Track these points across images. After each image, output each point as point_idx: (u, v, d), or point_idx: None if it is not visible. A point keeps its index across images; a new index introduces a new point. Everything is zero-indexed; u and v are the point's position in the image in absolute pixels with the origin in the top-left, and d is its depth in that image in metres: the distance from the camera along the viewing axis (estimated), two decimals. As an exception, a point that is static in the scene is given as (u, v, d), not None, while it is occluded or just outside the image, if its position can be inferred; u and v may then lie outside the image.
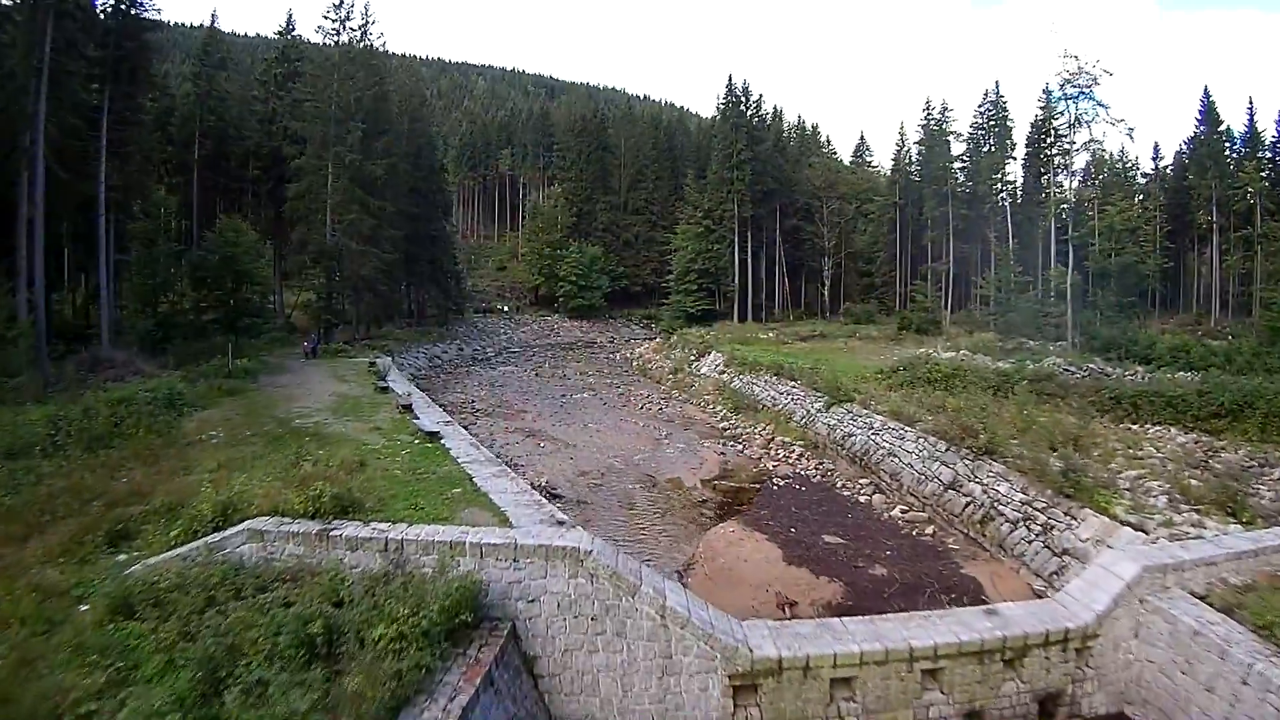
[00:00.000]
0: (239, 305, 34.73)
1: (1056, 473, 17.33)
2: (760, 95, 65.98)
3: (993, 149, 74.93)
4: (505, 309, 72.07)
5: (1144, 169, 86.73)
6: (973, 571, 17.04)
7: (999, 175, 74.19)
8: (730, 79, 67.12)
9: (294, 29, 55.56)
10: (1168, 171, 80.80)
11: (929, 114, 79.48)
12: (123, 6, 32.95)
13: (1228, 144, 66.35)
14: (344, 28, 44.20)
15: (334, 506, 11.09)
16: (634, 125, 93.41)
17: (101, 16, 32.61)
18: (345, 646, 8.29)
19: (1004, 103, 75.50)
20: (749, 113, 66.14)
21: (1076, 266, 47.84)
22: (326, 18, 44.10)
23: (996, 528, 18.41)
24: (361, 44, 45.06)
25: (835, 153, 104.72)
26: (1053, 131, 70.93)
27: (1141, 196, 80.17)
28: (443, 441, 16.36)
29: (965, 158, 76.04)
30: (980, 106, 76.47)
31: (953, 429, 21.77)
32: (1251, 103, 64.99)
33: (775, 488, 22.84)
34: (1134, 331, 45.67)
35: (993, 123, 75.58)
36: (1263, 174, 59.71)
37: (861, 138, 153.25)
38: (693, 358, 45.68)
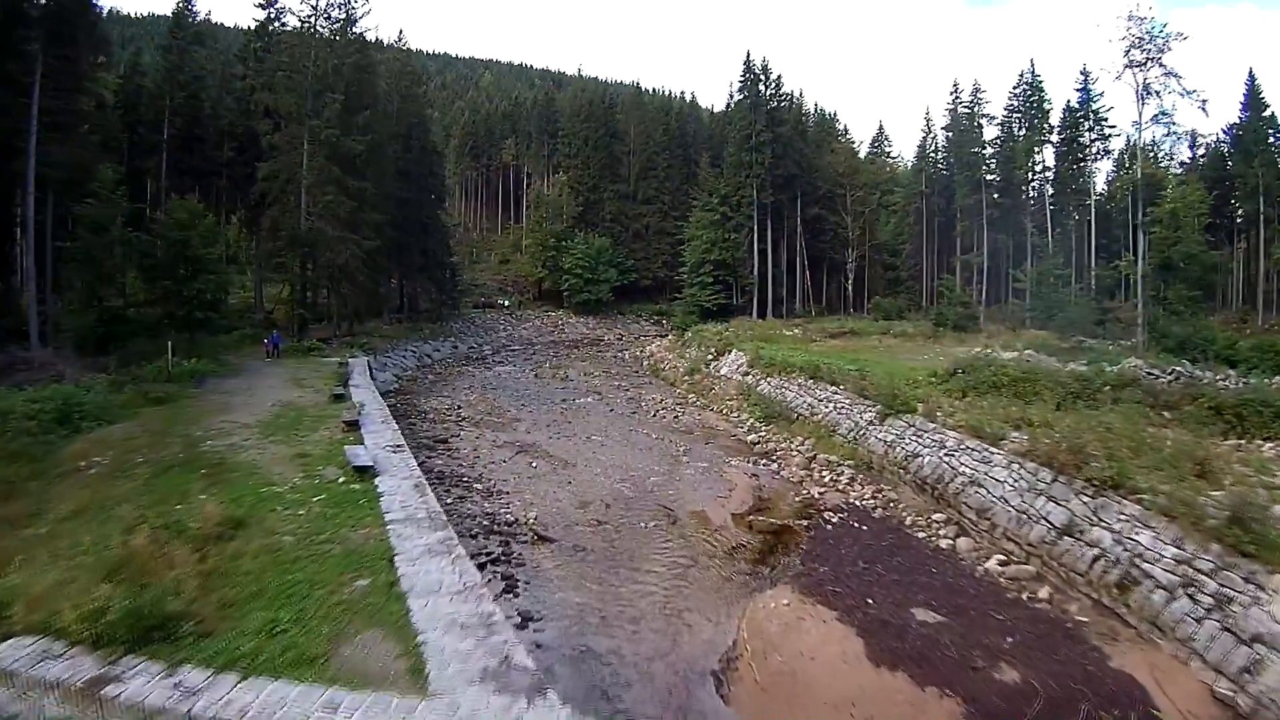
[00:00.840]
0: (192, 299, 30.12)
1: (1216, 517, 12.40)
2: (779, 75, 60.85)
3: (1029, 133, 69.56)
4: (506, 304, 67.38)
5: (1179, 157, 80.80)
6: (1124, 664, 12.00)
7: (1036, 161, 69.05)
8: (748, 56, 62.12)
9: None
10: (1201, 160, 74.96)
11: (957, 98, 74.26)
12: (51, -51, 28.42)
13: (1270, 131, 60.71)
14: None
15: (129, 628, 6.30)
16: (643, 111, 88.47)
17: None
18: None
19: (1040, 83, 69.99)
20: (768, 92, 60.94)
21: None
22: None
23: (1144, 595, 13.31)
24: (341, 10, 40.39)
25: (854, 141, 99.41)
26: (1091, 115, 66.02)
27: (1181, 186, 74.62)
28: (376, 482, 11.54)
29: (998, 142, 70.88)
30: (1014, 88, 71.20)
31: (1057, 451, 16.79)
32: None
33: (829, 527, 17.89)
34: (1209, 329, 40.36)
35: (1029, 105, 70.17)
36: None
37: (880, 128, 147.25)
38: (710, 357, 40.75)
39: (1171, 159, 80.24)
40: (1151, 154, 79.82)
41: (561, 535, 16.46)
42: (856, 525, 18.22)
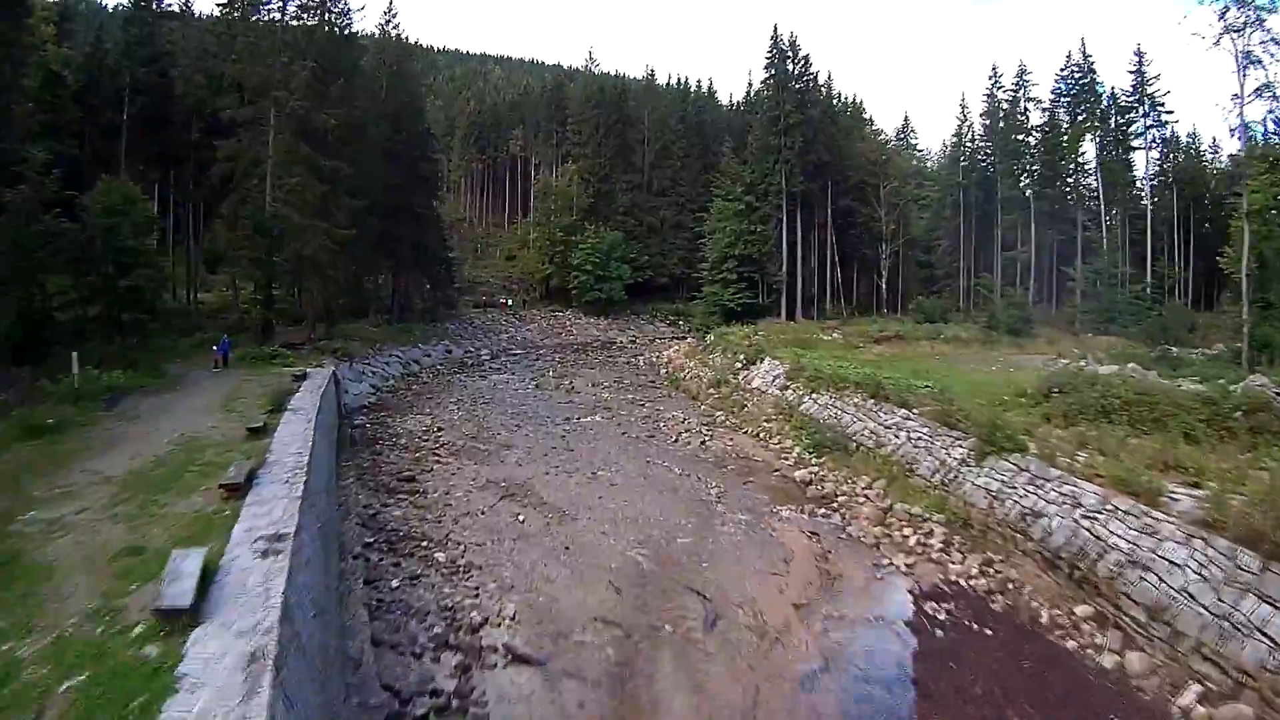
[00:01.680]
0: (121, 297, 25.09)
1: None
2: (807, 55, 55.07)
3: (1081, 119, 63.42)
4: (509, 303, 62.12)
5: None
6: None
7: (1083, 150, 63.04)
8: (775, 31, 56.26)
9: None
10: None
11: (996, 82, 68.25)
12: None
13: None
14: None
15: None
16: (658, 98, 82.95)
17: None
18: None
19: (1092, 64, 63.74)
20: (796, 70, 55.08)
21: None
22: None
23: None
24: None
25: (881, 131, 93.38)
26: (1148, 99, 59.71)
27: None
28: (190, 644, 6.15)
29: (1043, 130, 64.88)
30: (1061, 70, 65.05)
31: (1260, 524, 11.40)
32: None
33: (937, 631, 12.38)
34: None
35: (1079, 89, 63.99)
36: None
37: (905, 119, 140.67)
38: (738, 365, 35.19)
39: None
40: (1194, 143, 73.31)
41: (549, 651, 11.07)
42: (973, 626, 12.70)
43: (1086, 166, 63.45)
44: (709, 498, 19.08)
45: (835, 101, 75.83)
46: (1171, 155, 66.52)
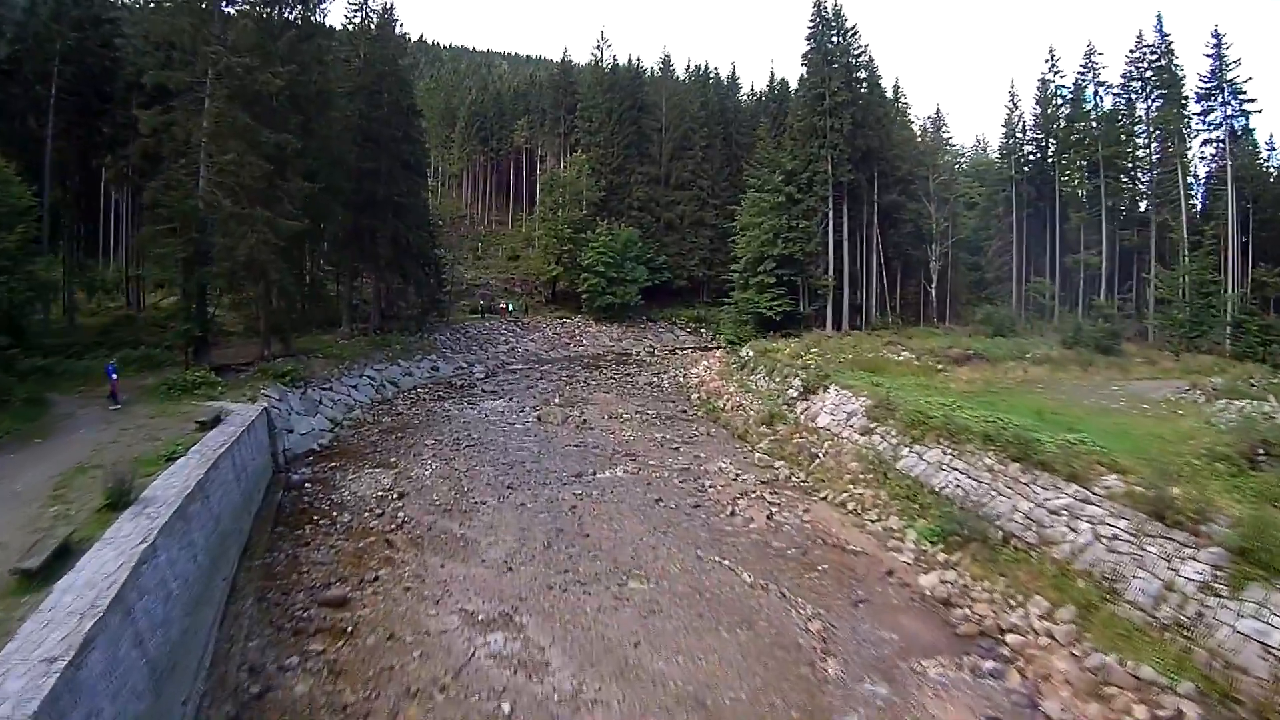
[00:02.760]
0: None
1: None
2: (854, 25, 47.67)
3: (1158, 107, 55.87)
4: (509, 308, 55.01)
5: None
6: None
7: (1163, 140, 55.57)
8: (816, -1, 48.63)
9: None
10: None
11: (1053, 66, 60.84)
12: None
13: None
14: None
15: None
16: (675, 83, 75.71)
17: None
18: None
19: (1170, 44, 56.06)
20: (842, 42, 47.66)
21: None
22: None
23: None
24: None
25: (916, 120, 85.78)
26: (1227, 85, 52.33)
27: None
28: None
29: (1112, 118, 57.46)
30: (1133, 52, 57.50)
31: None
32: None
33: None
34: None
35: (1155, 71, 56.38)
36: None
37: (938, 111, 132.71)
38: (792, 393, 28.03)
39: None
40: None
41: None
42: None
43: (1160, 159, 56.17)
44: (808, 641, 11.93)
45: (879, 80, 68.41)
46: (1237, 150, 59.27)
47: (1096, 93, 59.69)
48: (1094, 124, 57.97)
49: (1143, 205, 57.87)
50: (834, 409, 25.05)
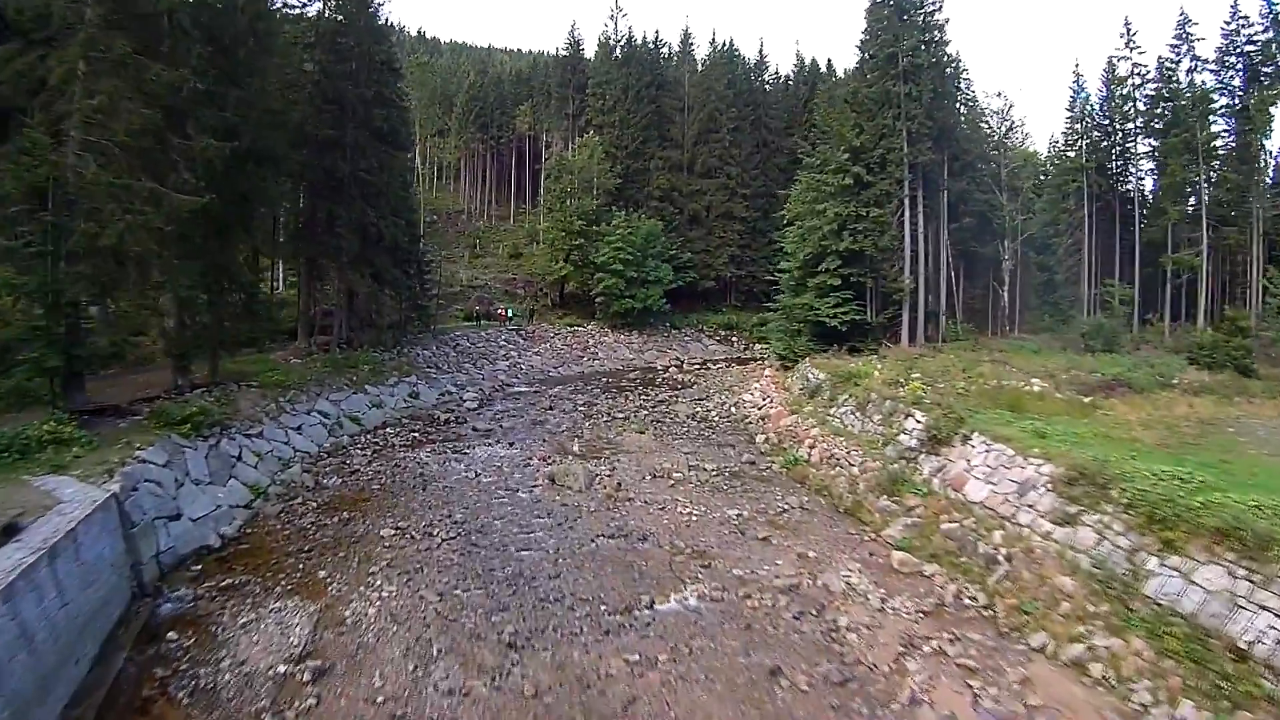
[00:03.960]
0: None
1: None
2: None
3: (1269, 86, 47.58)
4: (509, 313, 46.71)
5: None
6: None
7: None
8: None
9: None
10: None
11: (1130, 41, 52.47)
12: None
13: None
14: None
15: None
16: (694, 65, 67.40)
17: None
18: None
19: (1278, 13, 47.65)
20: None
21: None
22: None
23: None
24: None
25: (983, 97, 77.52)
26: None
27: None
28: None
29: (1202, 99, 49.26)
30: (1228, 24, 49.49)
31: None
32: None
33: None
34: None
35: (1264, 47, 48.17)
36: None
37: (1000, 93, 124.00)
38: (910, 440, 19.72)
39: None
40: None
41: None
42: None
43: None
44: None
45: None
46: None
47: (1191, 70, 51.32)
48: (1191, 104, 49.59)
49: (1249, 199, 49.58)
50: (991, 474, 16.73)
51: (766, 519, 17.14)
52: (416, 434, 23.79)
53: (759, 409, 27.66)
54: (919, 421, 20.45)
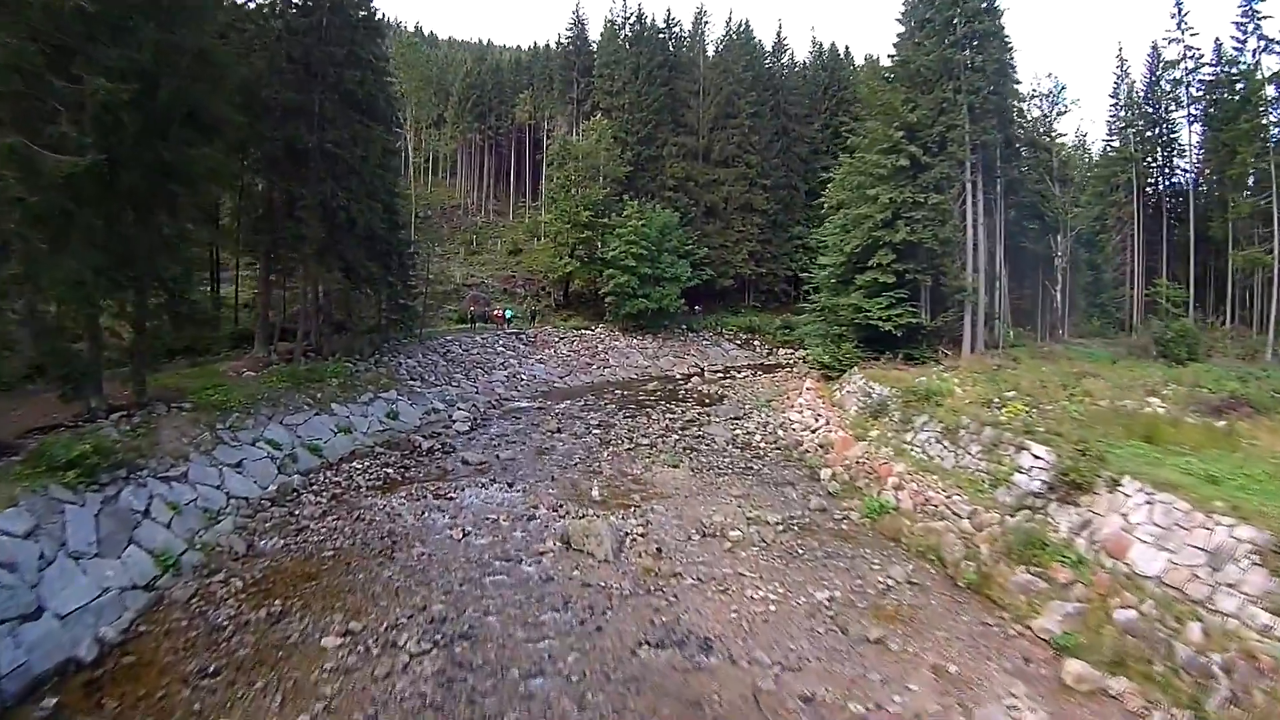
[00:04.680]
0: None
1: None
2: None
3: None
4: (508, 315, 41.83)
5: None
6: None
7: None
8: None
9: None
10: None
11: (1181, 22, 47.67)
12: None
13: None
14: None
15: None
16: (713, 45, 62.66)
17: None
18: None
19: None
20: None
21: None
22: None
23: None
24: None
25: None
26: None
27: None
28: None
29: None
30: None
31: None
32: None
33: None
34: None
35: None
36: None
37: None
38: (1031, 484, 14.87)
39: None
40: None
41: None
42: None
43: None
44: None
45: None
46: None
47: (1259, 51, 46.50)
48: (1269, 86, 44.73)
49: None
50: (1163, 537, 11.93)
51: (869, 604, 12.32)
52: (391, 469, 18.87)
53: (812, 432, 22.82)
54: (1038, 458, 15.66)
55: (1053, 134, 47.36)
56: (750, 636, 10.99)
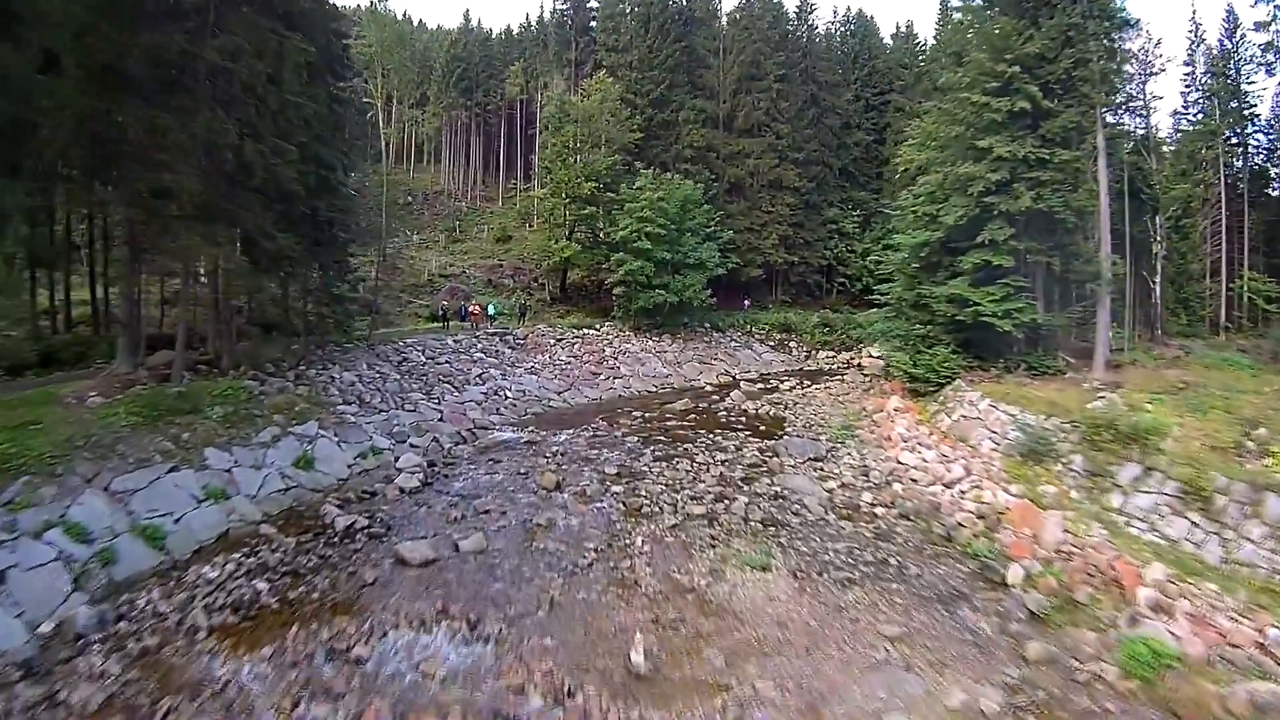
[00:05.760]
0: None
1: None
2: None
3: None
4: (493, 312, 33.74)
5: None
6: None
7: None
8: None
9: None
10: None
11: None
12: None
13: None
14: None
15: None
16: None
17: None
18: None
19: None
20: None
21: None
22: None
23: None
24: None
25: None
26: None
27: None
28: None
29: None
30: None
31: None
32: None
33: None
34: None
35: None
36: None
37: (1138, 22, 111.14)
38: None
39: None
40: None
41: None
42: None
43: None
44: None
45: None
46: None
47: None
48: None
49: None
50: None
51: None
52: (268, 582, 10.75)
53: (948, 486, 14.98)
54: None
55: (1146, 96, 39.76)
56: None
